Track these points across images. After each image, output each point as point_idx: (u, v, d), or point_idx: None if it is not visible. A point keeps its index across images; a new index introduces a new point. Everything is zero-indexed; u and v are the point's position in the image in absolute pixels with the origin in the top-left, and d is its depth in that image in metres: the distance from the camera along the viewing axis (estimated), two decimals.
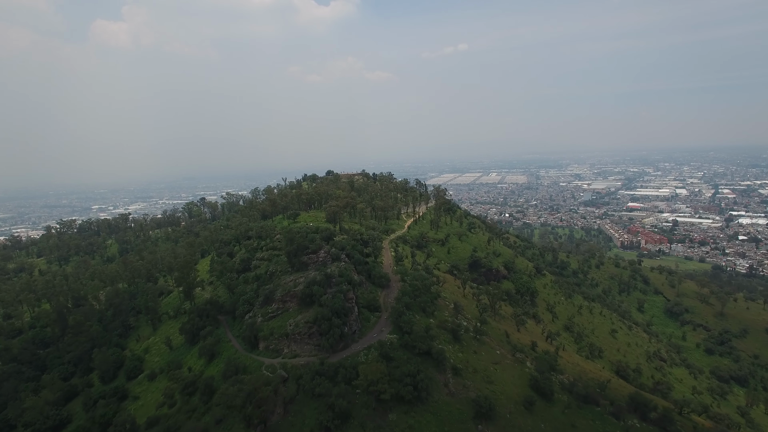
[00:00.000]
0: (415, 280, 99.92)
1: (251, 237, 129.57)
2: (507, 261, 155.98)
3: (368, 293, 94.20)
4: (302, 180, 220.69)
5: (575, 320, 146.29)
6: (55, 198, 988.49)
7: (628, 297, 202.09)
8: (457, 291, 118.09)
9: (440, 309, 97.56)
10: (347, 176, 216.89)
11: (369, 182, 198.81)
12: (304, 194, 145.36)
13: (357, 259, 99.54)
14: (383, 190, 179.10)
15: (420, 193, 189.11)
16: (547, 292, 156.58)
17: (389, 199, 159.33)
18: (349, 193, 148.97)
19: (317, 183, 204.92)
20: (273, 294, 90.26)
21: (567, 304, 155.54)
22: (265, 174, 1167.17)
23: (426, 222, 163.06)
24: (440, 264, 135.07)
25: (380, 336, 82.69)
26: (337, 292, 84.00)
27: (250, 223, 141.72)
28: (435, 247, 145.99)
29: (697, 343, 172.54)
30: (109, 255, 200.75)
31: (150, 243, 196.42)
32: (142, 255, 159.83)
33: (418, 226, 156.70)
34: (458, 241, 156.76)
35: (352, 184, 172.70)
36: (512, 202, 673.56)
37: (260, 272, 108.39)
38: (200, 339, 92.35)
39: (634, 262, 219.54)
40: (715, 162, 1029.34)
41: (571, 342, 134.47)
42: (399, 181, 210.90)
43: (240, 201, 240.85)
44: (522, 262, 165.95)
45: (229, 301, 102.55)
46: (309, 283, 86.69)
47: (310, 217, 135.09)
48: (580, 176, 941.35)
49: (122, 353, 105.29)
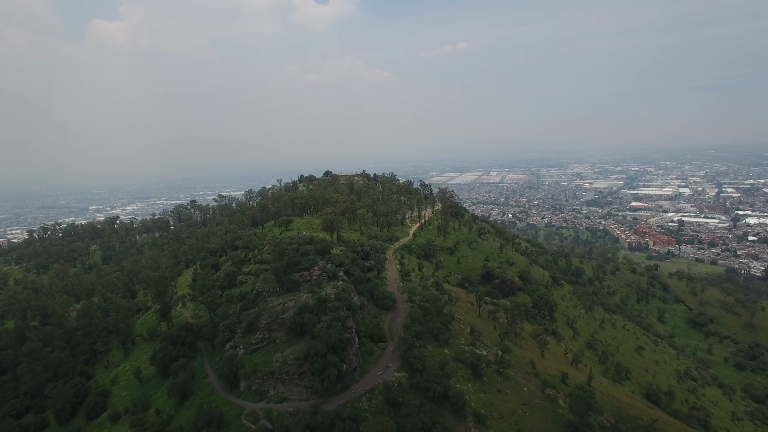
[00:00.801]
0: (425, 301, 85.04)
1: (238, 247, 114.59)
2: (522, 271, 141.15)
3: (371, 318, 79.31)
4: (298, 181, 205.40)
5: (598, 336, 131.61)
6: (53, 199, 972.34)
7: (647, 306, 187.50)
8: (471, 309, 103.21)
9: (455, 335, 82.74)
10: (346, 177, 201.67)
11: (370, 184, 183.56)
12: (298, 198, 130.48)
13: (357, 277, 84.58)
14: (385, 192, 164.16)
15: (425, 195, 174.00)
16: (566, 305, 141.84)
17: (392, 203, 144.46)
18: (348, 197, 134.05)
19: (314, 184, 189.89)
20: (257, 320, 75.30)
21: (588, 318, 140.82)
22: (264, 174, 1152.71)
23: (432, 228, 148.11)
24: (450, 276, 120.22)
25: (386, 374, 67.79)
26: (333, 320, 69.07)
27: (239, 230, 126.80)
28: (443, 257, 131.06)
29: (726, 357, 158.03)
30: (91, 263, 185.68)
31: (134, 250, 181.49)
32: (122, 264, 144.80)
33: (425, 232, 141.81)
34: (468, 248, 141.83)
35: (352, 186, 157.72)
36: (514, 201, 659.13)
37: (246, 290, 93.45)
38: (172, 373, 77.36)
39: (652, 268, 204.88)
40: (717, 161, 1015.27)
41: (595, 362, 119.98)
42: (402, 182, 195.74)
43: (233, 203, 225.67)
44: (537, 272, 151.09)
45: (209, 325, 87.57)
46: (300, 308, 71.71)
47: (304, 224, 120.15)
48: (582, 175, 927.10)
49: (86, 384, 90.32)
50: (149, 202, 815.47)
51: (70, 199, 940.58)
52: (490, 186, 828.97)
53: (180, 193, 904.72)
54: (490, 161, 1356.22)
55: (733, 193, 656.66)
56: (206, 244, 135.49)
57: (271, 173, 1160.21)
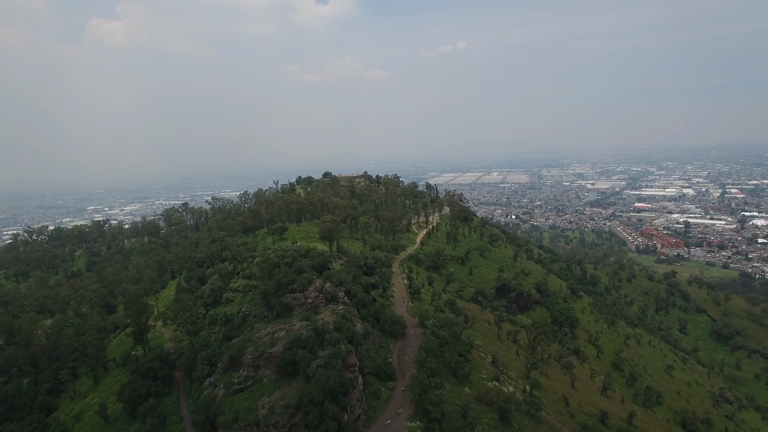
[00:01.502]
0: (439, 326, 72.07)
1: (226, 259, 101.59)
2: (538, 282, 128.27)
3: (377, 350, 66.35)
4: (296, 183, 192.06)
5: (623, 355, 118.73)
6: (51, 199, 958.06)
7: (667, 316, 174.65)
8: (489, 331, 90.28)
9: (476, 367, 69.82)
10: (347, 179, 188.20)
11: (372, 186, 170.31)
12: (294, 203, 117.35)
13: (360, 299, 71.56)
14: (389, 195, 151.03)
15: (431, 198, 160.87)
16: (587, 319, 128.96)
17: (397, 208, 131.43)
18: (348, 202, 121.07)
19: (313, 187, 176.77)
20: (242, 353, 62.33)
21: (611, 334, 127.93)
22: (264, 174, 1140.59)
23: (441, 235, 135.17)
24: (463, 291, 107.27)
25: (396, 424, 54.89)
26: (332, 357, 56.18)
27: (228, 238, 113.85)
28: (454, 267, 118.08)
29: (756, 374, 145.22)
30: (74, 270, 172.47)
31: (120, 256, 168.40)
32: (103, 274, 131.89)
33: (433, 240, 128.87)
34: (480, 258, 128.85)
35: (353, 189, 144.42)
36: (516, 202, 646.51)
37: (231, 310, 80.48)
38: (139, 416, 64.37)
39: (669, 275, 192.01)
40: (719, 161, 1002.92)
41: (622, 384, 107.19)
42: (407, 184, 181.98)
43: (228, 206, 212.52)
44: (554, 282, 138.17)
45: (188, 352, 74.60)
46: (292, 341, 58.76)
47: (300, 232, 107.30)
48: (583, 175, 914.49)
49: (46, 421, 77.31)
50: (148, 202, 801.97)
51: (69, 200, 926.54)
52: (491, 186, 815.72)
53: (179, 194, 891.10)
54: (490, 161, 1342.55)
55: (737, 193, 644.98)
56: (193, 253, 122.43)
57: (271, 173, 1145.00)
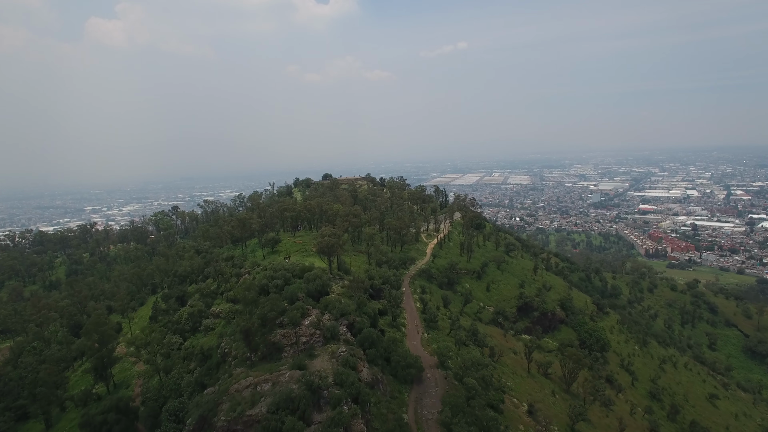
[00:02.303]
0: (464, 368, 57.60)
1: (209, 276, 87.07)
2: (563, 298, 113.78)
3: (388, 404, 51.78)
4: (293, 185, 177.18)
5: (660, 382, 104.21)
6: (50, 199, 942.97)
7: (694, 330, 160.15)
8: (516, 363, 75.75)
9: (511, 421, 55.35)
10: (348, 182, 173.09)
11: (376, 190, 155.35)
12: (289, 210, 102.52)
13: (366, 335, 56.94)
14: (394, 200, 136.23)
15: (440, 203, 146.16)
16: (616, 339, 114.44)
17: (404, 215, 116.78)
18: (350, 208, 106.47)
19: (311, 190, 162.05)
20: (214, 412, 47.73)
21: (643, 356, 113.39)
22: (264, 174, 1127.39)
23: (454, 245, 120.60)
24: (482, 312, 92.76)
25: None
26: (331, 426, 41.66)
27: (214, 250, 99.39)
28: (470, 283, 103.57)
29: None
30: (53, 279, 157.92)
31: (102, 265, 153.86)
32: (76, 288, 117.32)
33: (444, 251, 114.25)
34: (497, 271, 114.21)
35: (355, 193, 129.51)
36: (519, 203, 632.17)
37: (211, 342, 66.01)
38: None
39: (693, 285, 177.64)
40: (721, 162, 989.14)
41: (662, 418, 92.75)
42: (413, 188, 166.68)
43: (221, 209, 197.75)
44: (578, 297, 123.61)
45: (154, 398, 60.20)
46: (279, 402, 44.15)
47: (295, 244, 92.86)
48: (585, 177, 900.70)
49: None
50: (147, 202, 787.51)
51: (67, 200, 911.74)
52: (493, 187, 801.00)
53: (178, 194, 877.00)
54: (491, 162, 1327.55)
55: (743, 195, 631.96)
56: (176, 265, 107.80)
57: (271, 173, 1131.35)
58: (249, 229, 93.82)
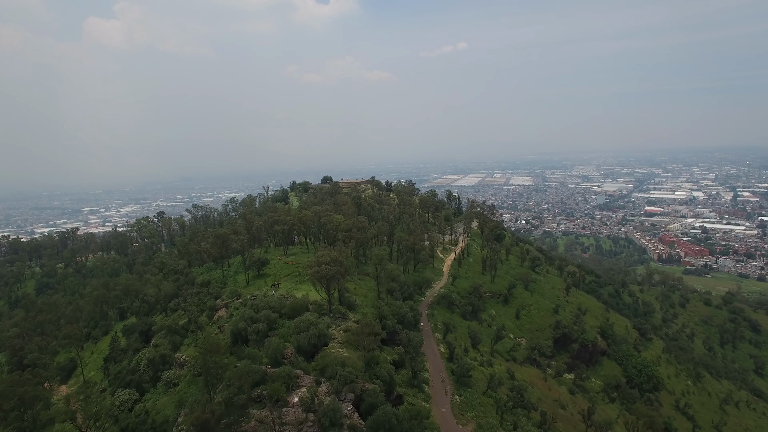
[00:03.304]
0: None
1: (179, 307, 69.11)
2: (602, 325, 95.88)
3: None
4: (289, 189, 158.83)
5: (725, 430, 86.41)
6: (48, 199, 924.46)
7: (736, 352, 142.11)
8: (569, 421, 57.90)
9: None
10: (350, 185, 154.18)
11: (382, 195, 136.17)
12: (280, 222, 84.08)
13: (381, 419, 38.77)
14: (404, 207, 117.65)
15: (453, 210, 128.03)
16: (665, 373, 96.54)
17: (417, 226, 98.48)
18: (354, 219, 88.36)
19: (309, 194, 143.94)
20: None
21: (699, 393, 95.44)
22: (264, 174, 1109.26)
23: (474, 260, 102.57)
24: (516, 349, 74.82)
25: None
26: None
27: (188, 272, 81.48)
28: (496, 308, 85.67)
29: None
30: (19, 295, 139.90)
31: (73, 279, 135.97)
32: (33, 309, 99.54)
33: (464, 268, 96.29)
34: (526, 292, 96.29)
35: (359, 200, 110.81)
36: (522, 205, 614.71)
37: (165, 414, 48.08)
38: None
39: (729, 299, 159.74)
40: (724, 163, 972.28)
41: None
42: (424, 193, 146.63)
43: (213, 214, 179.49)
44: (617, 322, 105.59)
45: None
46: None
47: (286, 267, 74.94)
48: (588, 177, 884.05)
49: None
50: (145, 203, 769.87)
51: (65, 200, 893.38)
52: (495, 188, 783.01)
53: (177, 194, 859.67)
54: (492, 163, 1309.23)
55: (750, 197, 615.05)
56: (147, 286, 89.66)
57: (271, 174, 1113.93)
58: (227, 248, 75.44)
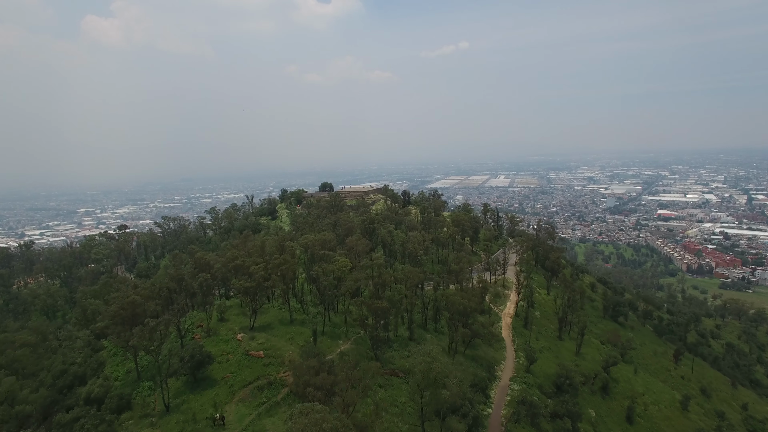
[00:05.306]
0: None
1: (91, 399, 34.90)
2: (745, 417, 61.61)
3: None
4: (279, 200, 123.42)
5: None
6: (44, 200, 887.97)
7: None
8: None
9: None
10: (356, 195, 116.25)
11: (397, 210, 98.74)
12: (245, 268, 48.12)
13: None
14: (433, 225, 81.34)
15: (493, 228, 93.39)
16: None
17: (465, 268, 62.59)
18: (363, 257, 53.59)
19: (304, 206, 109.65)
20: None
21: None
22: (264, 175, 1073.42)
23: (541, 314, 67.99)
24: None
25: None
26: None
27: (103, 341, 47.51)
28: (593, 404, 51.55)
29: None
30: None
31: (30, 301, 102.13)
32: None
33: (534, 331, 61.82)
34: (626, 366, 62.23)
35: (370, 222, 74.09)
36: (529, 207, 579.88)
37: None
38: None
39: None
40: (730, 165, 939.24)
41: None
42: (455, 209, 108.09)
43: (189, 226, 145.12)
44: (753, 403, 71.38)
45: None
46: None
47: (247, 365, 40.27)
48: (594, 179, 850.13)
49: None
50: (142, 204, 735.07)
51: (62, 201, 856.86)
52: (500, 190, 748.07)
53: (176, 195, 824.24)
54: (495, 164, 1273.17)
55: (765, 200, 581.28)
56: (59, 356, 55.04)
57: (270, 174, 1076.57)
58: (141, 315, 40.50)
